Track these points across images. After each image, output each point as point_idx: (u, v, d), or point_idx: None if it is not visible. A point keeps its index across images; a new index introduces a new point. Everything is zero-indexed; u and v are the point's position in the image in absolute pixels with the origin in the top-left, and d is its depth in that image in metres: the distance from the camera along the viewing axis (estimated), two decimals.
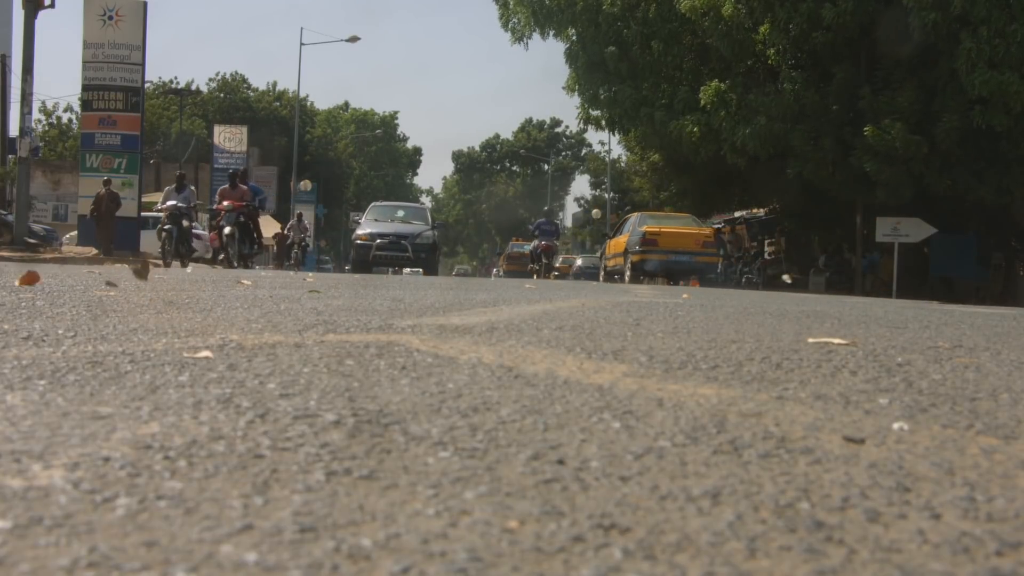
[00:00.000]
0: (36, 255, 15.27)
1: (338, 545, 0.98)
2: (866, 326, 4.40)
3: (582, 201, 69.19)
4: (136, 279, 5.92)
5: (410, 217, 22.80)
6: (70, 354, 2.26)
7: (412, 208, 24.79)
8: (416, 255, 20.87)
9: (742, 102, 20.52)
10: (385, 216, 22.71)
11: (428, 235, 21.27)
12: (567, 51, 25.10)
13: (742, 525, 1.10)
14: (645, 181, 37.66)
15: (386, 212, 23.28)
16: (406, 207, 24.83)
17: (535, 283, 12.66)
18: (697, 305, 5.99)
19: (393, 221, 22.17)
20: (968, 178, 18.93)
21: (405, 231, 21.33)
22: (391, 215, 22.88)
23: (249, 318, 3.43)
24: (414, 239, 20.98)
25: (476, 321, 3.64)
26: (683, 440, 1.55)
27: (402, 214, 23.09)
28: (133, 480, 1.19)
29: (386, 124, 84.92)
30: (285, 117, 60.27)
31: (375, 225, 21.68)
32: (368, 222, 22.18)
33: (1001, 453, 1.55)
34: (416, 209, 24.52)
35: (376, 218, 22.40)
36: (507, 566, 0.94)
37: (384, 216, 22.70)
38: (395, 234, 21.11)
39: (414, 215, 23.08)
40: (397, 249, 20.76)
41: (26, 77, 17.95)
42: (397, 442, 1.45)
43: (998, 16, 17.13)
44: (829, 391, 2.13)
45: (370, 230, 21.30)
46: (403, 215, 23.02)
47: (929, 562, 1.00)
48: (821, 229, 27.11)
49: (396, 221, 22.17)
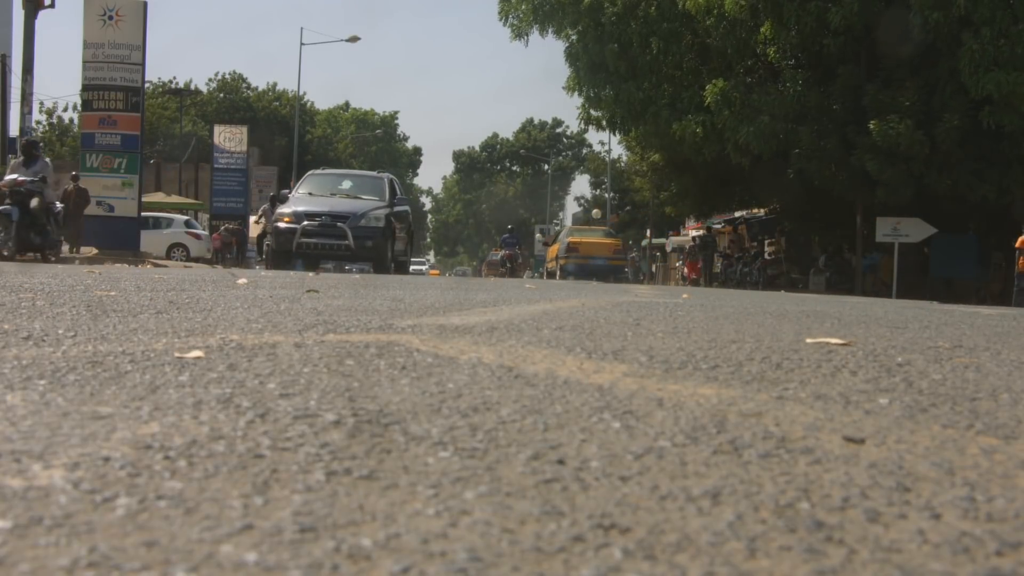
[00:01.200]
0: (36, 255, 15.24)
1: (338, 545, 0.98)
2: (866, 326, 4.40)
3: (582, 201, 69.27)
4: None
5: (359, 190, 16.71)
6: (70, 354, 2.26)
7: (363, 178, 18.11)
8: (359, 244, 15.17)
9: (745, 101, 20.52)
10: (323, 189, 16.77)
11: (377, 215, 15.57)
12: (567, 51, 25.08)
13: (742, 525, 1.10)
14: (645, 181, 37.65)
15: (326, 183, 17.12)
16: (355, 176, 18.41)
17: (535, 283, 12.66)
18: (697, 305, 5.99)
19: (334, 195, 16.44)
20: (969, 178, 18.93)
21: (345, 209, 15.57)
22: (332, 187, 16.89)
23: (249, 318, 3.43)
24: (356, 220, 15.26)
25: (476, 321, 3.64)
26: (683, 440, 1.55)
27: (348, 186, 17.03)
28: (133, 480, 1.19)
29: (386, 124, 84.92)
30: (285, 117, 60.27)
31: (306, 202, 15.95)
32: (297, 198, 16.32)
33: (1001, 453, 1.55)
34: (369, 180, 17.75)
35: (311, 191, 16.60)
36: (507, 566, 0.94)
37: (322, 189, 16.76)
38: (330, 213, 15.32)
39: (365, 187, 16.91)
40: (331, 235, 15.13)
41: (26, 77, 17.97)
42: (397, 442, 1.45)
43: (1001, 17, 17.13)
44: (829, 391, 2.13)
45: (296, 208, 15.61)
46: (349, 187, 16.94)
47: (929, 562, 1.00)
48: (821, 229, 27.10)
49: (339, 195, 16.43)
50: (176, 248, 28.80)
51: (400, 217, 16.91)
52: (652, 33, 22.58)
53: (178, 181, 44.16)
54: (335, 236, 15.18)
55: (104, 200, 20.17)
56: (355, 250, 15.30)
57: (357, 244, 15.19)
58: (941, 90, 18.84)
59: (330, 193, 16.54)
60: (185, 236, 29.84)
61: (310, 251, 15.42)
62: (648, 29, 22.66)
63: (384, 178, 17.66)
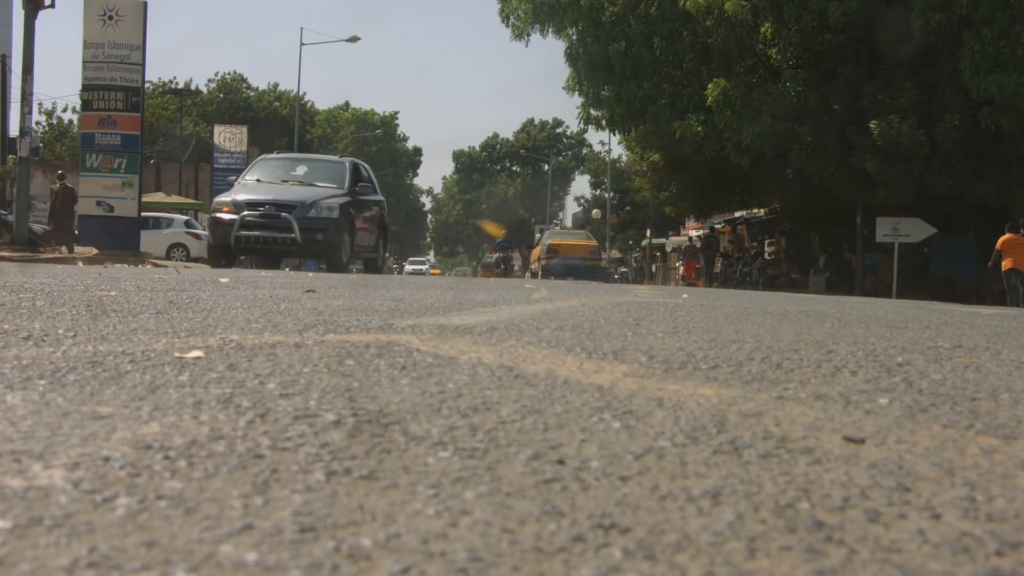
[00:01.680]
0: (36, 255, 15.27)
1: (338, 545, 0.98)
2: (866, 326, 4.40)
3: (582, 201, 69.26)
4: None
5: (314, 176, 14.91)
6: (70, 354, 2.26)
7: (321, 163, 16.10)
8: (308, 237, 13.28)
9: (746, 101, 20.53)
10: (274, 176, 14.89)
11: (330, 204, 13.69)
12: (567, 51, 25.07)
13: (742, 525, 1.10)
14: (645, 181, 37.66)
15: (277, 169, 15.27)
16: (312, 161, 16.37)
17: (535, 283, 12.67)
18: (697, 305, 5.99)
19: (286, 183, 14.59)
20: (969, 178, 18.94)
21: (292, 197, 13.70)
22: (285, 173, 15.01)
23: (249, 318, 3.43)
24: (305, 210, 13.37)
25: (476, 321, 3.64)
26: (683, 440, 1.55)
27: (302, 171, 15.20)
28: (133, 480, 1.19)
29: (386, 124, 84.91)
30: (285, 117, 60.29)
31: (250, 189, 14.12)
32: (242, 185, 14.46)
33: (1001, 453, 1.55)
34: (327, 165, 15.68)
35: (260, 178, 14.80)
36: (507, 566, 0.94)
37: (272, 176, 14.89)
38: (274, 202, 13.48)
39: (322, 173, 15.03)
40: (274, 227, 13.25)
41: (26, 77, 17.96)
42: (397, 442, 1.45)
43: (1001, 17, 17.14)
44: (829, 391, 2.13)
45: (235, 197, 13.80)
46: (304, 173, 15.12)
47: (929, 562, 1.00)
48: (821, 229, 27.10)
49: (291, 182, 14.60)
50: (176, 248, 28.79)
51: (363, 207, 14.95)
52: (654, 33, 22.58)
53: (178, 181, 44.16)
54: (279, 228, 13.22)
55: (104, 200, 20.15)
56: (303, 244, 13.40)
57: (305, 237, 13.25)
58: (942, 91, 18.85)
59: (281, 180, 14.59)
60: (185, 236, 29.82)
61: (251, 245, 13.56)
62: (649, 29, 22.67)
63: (345, 163, 15.51)
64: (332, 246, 13.62)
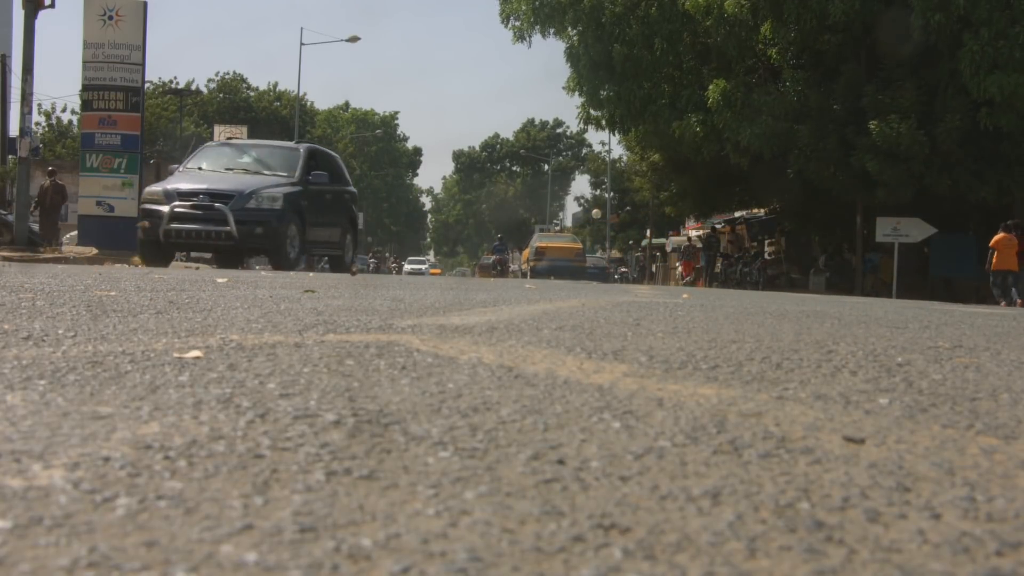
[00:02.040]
0: (36, 255, 15.27)
1: (338, 545, 0.98)
2: (866, 326, 4.40)
3: (582, 201, 69.28)
4: None
5: (263, 164, 13.38)
6: (70, 354, 2.26)
7: (272, 149, 14.32)
8: (245, 231, 11.80)
9: (746, 101, 20.53)
10: (218, 163, 13.47)
11: (273, 194, 12.16)
12: (567, 51, 25.08)
13: (742, 525, 1.10)
14: (645, 181, 37.71)
15: (224, 156, 13.81)
16: (263, 147, 14.54)
17: (535, 283, 12.67)
18: (697, 305, 5.98)
19: (230, 171, 13.12)
20: (969, 178, 18.95)
21: (229, 186, 12.21)
22: (232, 161, 13.56)
23: (249, 318, 3.43)
24: (243, 200, 11.89)
25: (476, 321, 3.64)
26: (683, 440, 1.55)
27: (251, 158, 13.64)
28: (133, 480, 1.19)
29: (386, 124, 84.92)
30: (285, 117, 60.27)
31: (186, 178, 12.76)
32: (181, 173, 13.14)
33: (1001, 453, 1.55)
34: (279, 151, 14.02)
35: (202, 166, 13.38)
36: (507, 566, 0.94)
37: (216, 163, 13.44)
38: (209, 192, 12.05)
39: (272, 160, 13.48)
40: (207, 220, 11.83)
41: (26, 77, 17.95)
42: (397, 442, 1.45)
43: (1000, 18, 17.14)
44: (829, 391, 2.13)
45: (167, 186, 12.51)
46: (251, 160, 13.57)
47: (929, 562, 1.00)
48: (821, 229, 27.12)
49: (236, 170, 13.13)
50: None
51: (320, 198, 13.51)
52: (654, 33, 22.60)
53: None
54: (212, 221, 11.79)
55: (104, 200, 20.17)
56: (239, 239, 11.86)
57: (242, 231, 11.76)
58: (942, 91, 18.86)
59: (225, 168, 13.20)
60: None
61: (181, 240, 12.12)
62: (650, 30, 22.68)
63: (300, 149, 13.82)
64: (274, 240, 12.13)
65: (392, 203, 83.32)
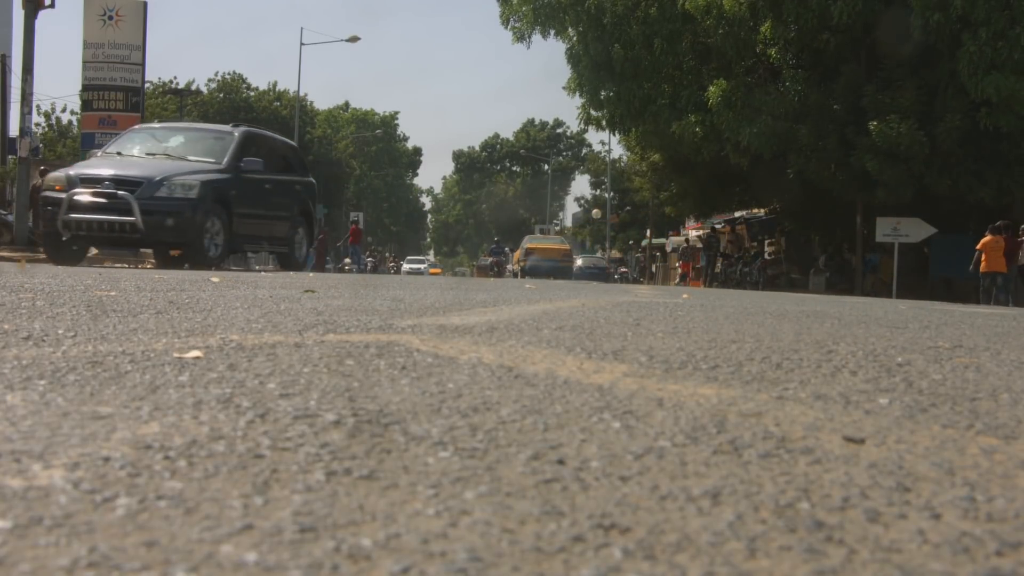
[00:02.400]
0: (36, 255, 15.28)
1: (338, 545, 0.98)
2: (866, 326, 4.40)
3: (582, 201, 69.27)
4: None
5: (190, 148, 12.12)
6: (70, 354, 2.26)
7: (202, 132, 13.05)
8: (153, 222, 10.58)
9: (746, 101, 20.53)
10: (140, 147, 12.15)
11: (188, 182, 10.86)
12: (568, 52, 25.08)
13: (742, 525, 1.10)
14: (645, 181, 37.72)
15: (148, 140, 12.45)
16: (193, 131, 13.30)
17: (535, 283, 12.68)
18: (697, 305, 5.98)
19: (151, 156, 11.85)
20: (968, 178, 18.95)
21: (138, 172, 10.92)
22: (156, 145, 12.24)
23: (249, 318, 3.43)
24: (152, 188, 10.65)
25: (476, 321, 3.64)
26: (683, 440, 1.55)
27: (177, 142, 12.37)
28: (133, 480, 1.19)
29: (386, 124, 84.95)
30: (285, 117, 60.23)
31: (97, 163, 11.55)
32: (98, 158, 11.93)
33: (1001, 453, 1.55)
34: (210, 135, 12.73)
35: (121, 150, 12.03)
36: (507, 566, 0.94)
37: (139, 147, 12.16)
38: (115, 178, 10.79)
39: (201, 144, 12.26)
40: (111, 209, 10.59)
41: (26, 77, 17.96)
42: (397, 442, 1.45)
43: (998, 18, 17.14)
44: (829, 391, 2.13)
45: (70, 171, 11.29)
46: (178, 144, 12.29)
47: (929, 562, 1.00)
48: (821, 229, 27.12)
49: (159, 156, 11.82)
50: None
51: (256, 187, 12.24)
52: (654, 34, 22.60)
53: None
54: (116, 211, 10.55)
55: None
56: (147, 231, 10.63)
57: (150, 222, 10.54)
58: (942, 91, 18.86)
59: (146, 153, 11.92)
60: None
61: (82, 232, 10.82)
62: (650, 30, 22.68)
63: (234, 133, 12.44)
64: (187, 233, 10.87)
65: (392, 203, 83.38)
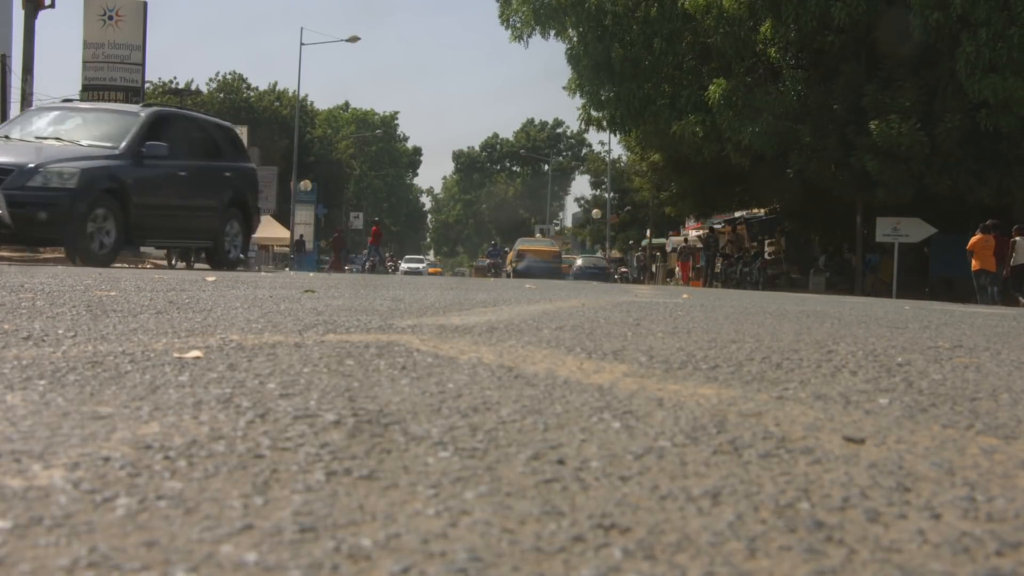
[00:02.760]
0: (36, 255, 15.27)
1: (338, 545, 0.98)
2: (866, 326, 4.40)
3: (582, 201, 69.26)
4: None
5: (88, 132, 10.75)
6: (70, 354, 2.26)
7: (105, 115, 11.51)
8: (23, 216, 9.26)
9: (747, 101, 20.53)
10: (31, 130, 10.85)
11: (67, 170, 9.47)
12: (568, 52, 25.08)
13: (742, 525, 1.10)
14: (645, 181, 37.75)
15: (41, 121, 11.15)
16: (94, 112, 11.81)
17: (535, 283, 12.69)
18: (697, 305, 5.98)
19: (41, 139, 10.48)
20: (968, 178, 18.96)
21: (14, 159, 9.54)
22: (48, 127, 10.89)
23: (249, 318, 3.43)
24: (23, 178, 9.30)
25: (476, 321, 3.64)
26: (683, 440, 1.55)
27: (73, 125, 10.96)
28: (133, 480, 1.19)
29: (386, 124, 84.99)
30: (286, 117, 60.24)
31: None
32: None
33: (1001, 453, 1.55)
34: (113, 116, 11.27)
35: (9, 134, 10.78)
36: (507, 566, 0.94)
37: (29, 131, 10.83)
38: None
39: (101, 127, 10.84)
40: None
41: (26, 77, 17.96)
42: (397, 442, 1.45)
43: (997, 19, 17.14)
44: (829, 391, 2.13)
45: None
46: (76, 127, 10.92)
47: (929, 562, 1.00)
48: (821, 229, 27.12)
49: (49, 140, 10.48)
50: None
51: (162, 174, 10.92)
52: (654, 34, 22.60)
53: None
54: None
55: None
56: (16, 227, 9.33)
57: (19, 216, 9.20)
58: (942, 91, 18.86)
59: (36, 136, 10.52)
60: None
61: None
62: (650, 30, 22.68)
63: (140, 115, 10.99)
64: (64, 228, 9.50)
65: (392, 203, 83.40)
